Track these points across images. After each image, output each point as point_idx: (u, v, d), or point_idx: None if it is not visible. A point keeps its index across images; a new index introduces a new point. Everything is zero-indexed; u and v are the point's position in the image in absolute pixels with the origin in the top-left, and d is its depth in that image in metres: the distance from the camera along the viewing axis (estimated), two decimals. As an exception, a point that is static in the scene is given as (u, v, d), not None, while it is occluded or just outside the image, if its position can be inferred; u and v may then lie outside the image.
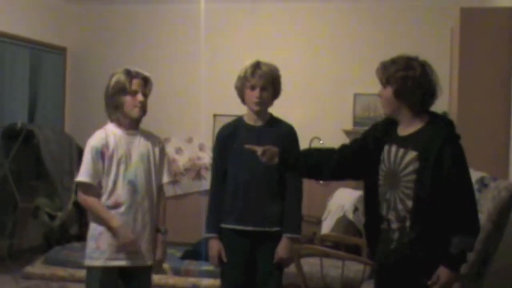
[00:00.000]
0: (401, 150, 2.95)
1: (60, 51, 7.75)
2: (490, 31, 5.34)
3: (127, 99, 3.42)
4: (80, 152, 7.01)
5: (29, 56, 7.16)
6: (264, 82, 3.58)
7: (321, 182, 6.54)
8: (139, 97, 3.44)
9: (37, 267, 6.24)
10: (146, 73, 3.52)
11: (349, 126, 7.23)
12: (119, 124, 3.48)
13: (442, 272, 2.85)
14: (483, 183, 4.35)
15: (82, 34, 7.94)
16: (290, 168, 3.29)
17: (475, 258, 3.53)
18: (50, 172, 6.52)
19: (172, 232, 3.71)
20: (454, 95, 5.87)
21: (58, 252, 6.52)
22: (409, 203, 2.91)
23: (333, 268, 4.65)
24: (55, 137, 6.77)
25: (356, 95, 7.16)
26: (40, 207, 6.55)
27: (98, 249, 3.40)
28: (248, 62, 3.65)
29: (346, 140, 7.25)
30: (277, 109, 3.79)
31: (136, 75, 3.45)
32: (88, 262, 3.44)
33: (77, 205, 6.95)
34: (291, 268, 4.65)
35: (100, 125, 3.56)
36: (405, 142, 2.95)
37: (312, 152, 3.37)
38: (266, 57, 3.77)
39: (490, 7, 6.00)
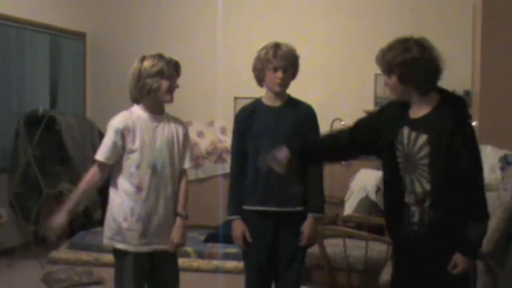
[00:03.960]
0: (413, 134, 2.93)
1: (80, 36, 7.77)
2: (512, 6, 5.27)
3: (164, 83, 3.41)
4: (102, 137, 7.08)
5: (49, 43, 7.18)
6: (286, 63, 3.55)
7: (343, 163, 6.52)
8: (176, 82, 3.45)
9: (62, 252, 6.32)
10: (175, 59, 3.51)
11: (370, 106, 7.18)
12: (146, 107, 3.46)
13: (460, 259, 2.83)
14: (506, 160, 4.32)
15: (100, 19, 7.94)
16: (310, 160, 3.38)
17: (499, 236, 3.50)
18: (72, 157, 6.55)
19: (194, 215, 3.72)
20: (476, 72, 5.81)
21: (83, 237, 6.59)
22: (427, 186, 2.89)
23: (357, 248, 4.64)
24: (76, 122, 6.81)
25: (377, 75, 7.09)
26: (63, 193, 6.58)
27: (120, 232, 3.41)
28: (266, 44, 3.62)
29: (367, 120, 7.21)
30: (297, 90, 3.76)
31: (170, 60, 3.45)
32: (109, 242, 3.49)
33: (100, 190, 6.99)
34: (315, 249, 4.65)
35: (121, 110, 3.54)
36: (417, 125, 2.92)
37: (325, 139, 3.43)
38: (285, 37, 3.73)
39: (512, -18, 5.90)
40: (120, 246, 3.44)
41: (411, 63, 2.87)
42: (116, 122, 3.43)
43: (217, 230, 6.49)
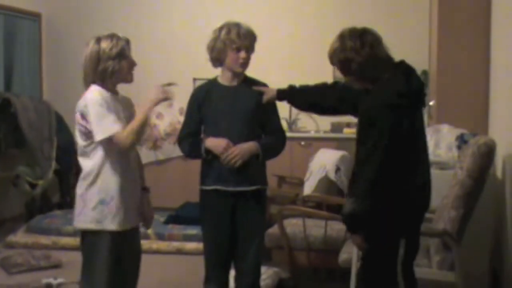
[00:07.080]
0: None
1: (35, 17, 7.62)
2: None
3: (124, 63, 3.30)
4: (59, 119, 6.99)
5: (2, 23, 7.03)
6: (249, 42, 3.55)
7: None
8: (134, 60, 3.36)
9: (19, 236, 6.23)
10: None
11: (329, 87, 7.21)
12: (107, 89, 3.29)
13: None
14: (462, 139, 4.37)
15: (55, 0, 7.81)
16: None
17: (456, 215, 3.56)
18: (29, 140, 6.46)
19: (154, 197, 3.68)
20: (433, 53, 5.87)
21: (40, 221, 6.51)
22: (354, 164, 3.00)
23: (316, 228, 4.67)
24: (32, 104, 6.70)
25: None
26: (20, 176, 6.49)
27: (110, 213, 3.30)
28: (223, 23, 3.58)
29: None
30: (257, 74, 3.75)
31: (125, 38, 3.35)
32: (97, 226, 3.28)
33: (58, 173, 6.91)
34: (274, 229, 4.68)
35: (79, 92, 3.44)
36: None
37: (314, 93, 3.60)
38: (244, 20, 3.69)
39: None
40: (109, 227, 3.28)
41: (344, 62, 3.02)
42: (100, 96, 3.22)
43: (177, 211, 6.49)
